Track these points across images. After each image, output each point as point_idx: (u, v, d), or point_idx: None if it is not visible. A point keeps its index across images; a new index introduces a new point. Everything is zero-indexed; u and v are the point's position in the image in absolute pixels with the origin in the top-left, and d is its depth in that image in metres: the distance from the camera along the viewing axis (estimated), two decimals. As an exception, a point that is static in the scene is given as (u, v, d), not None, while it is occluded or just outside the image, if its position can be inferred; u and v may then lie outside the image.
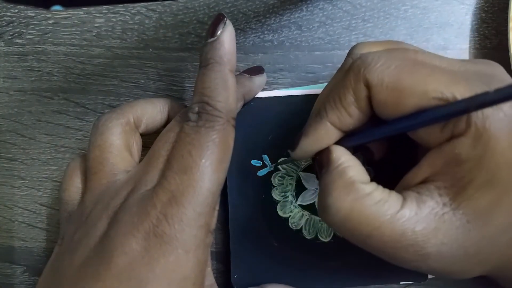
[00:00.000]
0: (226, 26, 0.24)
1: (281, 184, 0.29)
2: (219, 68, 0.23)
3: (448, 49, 0.31)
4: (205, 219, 0.22)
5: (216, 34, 0.23)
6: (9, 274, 0.31)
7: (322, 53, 0.31)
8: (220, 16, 0.24)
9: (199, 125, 0.22)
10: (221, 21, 0.24)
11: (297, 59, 0.30)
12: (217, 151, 0.22)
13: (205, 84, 0.23)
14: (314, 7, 0.31)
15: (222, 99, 0.23)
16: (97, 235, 0.22)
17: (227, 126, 0.23)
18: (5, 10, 0.31)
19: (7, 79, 0.31)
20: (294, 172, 0.29)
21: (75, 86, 0.31)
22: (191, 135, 0.22)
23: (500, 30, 0.30)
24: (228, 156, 0.23)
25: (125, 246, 0.21)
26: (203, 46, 0.24)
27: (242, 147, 0.28)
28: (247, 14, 0.31)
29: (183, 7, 0.31)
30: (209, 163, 0.22)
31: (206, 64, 0.23)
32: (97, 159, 0.24)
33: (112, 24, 0.31)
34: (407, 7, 0.31)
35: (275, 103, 0.29)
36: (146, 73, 0.31)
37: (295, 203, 0.29)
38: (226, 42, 0.23)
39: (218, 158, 0.22)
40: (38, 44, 0.31)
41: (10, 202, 0.31)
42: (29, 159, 0.31)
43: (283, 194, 0.29)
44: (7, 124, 0.31)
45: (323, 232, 0.28)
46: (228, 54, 0.23)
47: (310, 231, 0.28)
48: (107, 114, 0.25)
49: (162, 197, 0.21)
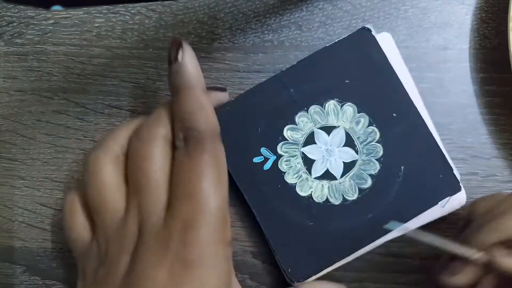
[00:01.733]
0: (184, 50, 0.24)
1: (290, 167, 0.29)
2: (191, 93, 0.24)
3: (448, 49, 0.31)
4: (220, 234, 0.23)
5: (178, 59, 0.24)
6: (9, 274, 0.31)
7: (322, 53, 0.31)
8: (175, 41, 0.24)
9: (189, 150, 0.23)
10: (178, 45, 0.24)
11: (297, 59, 0.30)
12: (213, 170, 0.23)
13: (182, 109, 0.24)
14: (314, 7, 0.31)
15: (203, 121, 0.24)
16: (122, 272, 0.23)
17: (214, 143, 0.24)
18: (5, 10, 0.31)
19: (7, 79, 0.31)
20: (296, 150, 0.29)
21: (75, 86, 0.31)
22: (185, 163, 0.23)
23: (500, 30, 0.30)
24: (224, 170, 0.24)
25: (153, 279, 0.22)
26: (168, 75, 0.24)
27: (238, 151, 0.29)
28: (247, 14, 0.31)
29: (183, 7, 0.31)
30: (209, 184, 0.23)
31: (177, 92, 0.24)
32: (96, 200, 0.25)
33: (112, 24, 0.31)
34: (407, 7, 0.31)
35: (247, 98, 0.29)
36: (146, 73, 0.31)
37: (311, 178, 0.29)
38: (189, 65, 0.24)
39: (216, 176, 0.23)
40: (38, 44, 0.31)
41: (10, 202, 0.31)
42: (29, 159, 0.31)
43: (296, 175, 0.29)
44: (7, 124, 0.31)
45: (349, 191, 0.29)
46: (195, 76, 0.24)
47: (336, 197, 0.29)
48: (94, 153, 0.25)
49: (176, 227, 0.22)
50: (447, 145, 0.30)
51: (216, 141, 0.24)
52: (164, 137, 0.25)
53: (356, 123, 0.29)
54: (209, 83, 0.31)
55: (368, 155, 0.29)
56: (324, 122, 0.29)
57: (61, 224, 0.26)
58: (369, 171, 0.29)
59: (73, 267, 0.31)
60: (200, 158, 0.23)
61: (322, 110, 0.29)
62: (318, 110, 0.29)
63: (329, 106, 0.29)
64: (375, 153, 0.29)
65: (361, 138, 0.29)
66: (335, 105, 0.29)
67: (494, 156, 0.30)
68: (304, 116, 0.29)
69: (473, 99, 0.30)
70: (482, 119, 0.30)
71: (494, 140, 0.30)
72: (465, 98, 0.30)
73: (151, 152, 0.24)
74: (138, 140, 0.25)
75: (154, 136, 0.24)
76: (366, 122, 0.29)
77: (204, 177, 0.23)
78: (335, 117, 0.29)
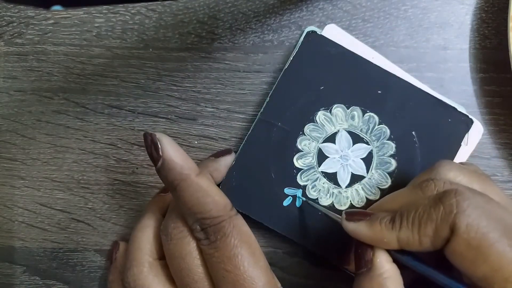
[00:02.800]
0: (161, 141, 0.23)
1: (318, 190, 0.29)
2: (187, 184, 0.23)
3: (448, 49, 0.31)
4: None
5: (160, 156, 0.23)
6: (9, 274, 0.31)
7: (322, 53, 0.31)
8: (148, 136, 0.23)
9: (212, 241, 0.23)
10: (152, 140, 0.23)
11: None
12: (244, 250, 0.23)
13: (187, 204, 0.23)
14: (314, 7, 0.31)
15: (212, 206, 0.23)
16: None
17: (233, 221, 0.24)
18: (5, 10, 0.31)
19: (7, 79, 0.31)
20: (316, 173, 0.29)
21: (75, 86, 0.31)
22: (215, 255, 0.23)
23: (500, 30, 0.30)
24: (253, 240, 0.24)
25: None
26: (157, 172, 0.24)
27: (264, 203, 0.29)
28: (247, 14, 0.31)
29: (183, 7, 0.31)
30: (247, 265, 0.23)
31: (174, 187, 0.24)
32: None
33: (112, 24, 0.31)
34: (407, 7, 0.31)
35: (246, 153, 0.29)
36: (146, 73, 0.31)
37: (343, 189, 0.29)
38: (173, 156, 0.23)
39: (250, 252, 0.23)
40: (38, 44, 0.31)
41: (10, 202, 0.31)
42: (29, 159, 0.31)
43: (328, 195, 0.29)
44: (7, 124, 0.31)
45: (381, 181, 0.29)
46: (184, 165, 0.23)
47: (373, 192, 0.29)
48: (130, 272, 0.25)
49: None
50: (447, 145, 0.30)
51: (233, 218, 0.24)
52: (181, 240, 0.24)
53: (352, 118, 0.29)
54: (209, 83, 0.31)
55: (379, 140, 0.29)
56: (324, 135, 0.29)
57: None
58: (388, 152, 0.29)
59: (73, 267, 0.31)
60: (227, 245, 0.23)
61: (315, 125, 0.29)
62: (312, 127, 0.29)
63: (319, 118, 0.29)
64: (383, 134, 0.29)
65: (364, 129, 0.29)
66: (324, 114, 0.29)
67: (494, 156, 0.30)
68: (304, 140, 0.29)
69: (473, 99, 0.30)
70: (482, 119, 0.30)
71: (494, 140, 0.30)
72: (465, 98, 0.30)
73: (186, 250, 0.24)
74: (170, 241, 0.25)
75: (184, 234, 0.24)
76: (360, 113, 0.29)
77: (240, 261, 0.23)
78: (331, 124, 0.29)
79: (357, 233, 0.22)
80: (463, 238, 0.20)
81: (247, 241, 0.24)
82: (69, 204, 0.31)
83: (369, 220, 0.22)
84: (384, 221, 0.22)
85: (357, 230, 0.22)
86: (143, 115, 0.31)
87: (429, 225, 0.21)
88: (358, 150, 0.29)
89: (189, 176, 0.23)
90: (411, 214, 0.21)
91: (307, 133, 0.29)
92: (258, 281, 0.23)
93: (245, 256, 0.23)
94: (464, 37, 0.31)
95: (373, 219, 0.22)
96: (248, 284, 0.23)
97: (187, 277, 0.24)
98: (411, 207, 0.22)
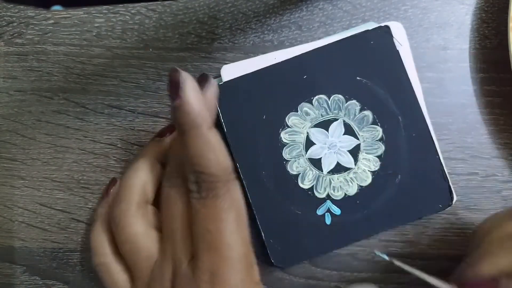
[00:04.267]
0: (185, 82, 0.22)
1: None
2: (197, 133, 0.22)
3: (448, 49, 0.31)
4: (248, 279, 0.23)
5: (179, 96, 0.22)
6: (9, 274, 0.31)
7: (322, 53, 0.31)
8: (175, 71, 0.22)
9: (203, 197, 0.23)
10: (177, 78, 0.22)
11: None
12: (230, 216, 0.23)
13: (190, 153, 0.22)
14: (314, 7, 0.31)
15: (213, 164, 0.22)
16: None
17: (228, 185, 0.23)
18: (5, 10, 0.31)
19: (7, 79, 0.31)
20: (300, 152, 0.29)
21: (75, 86, 0.31)
22: (201, 211, 0.23)
23: (500, 30, 0.30)
24: (242, 211, 0.23)
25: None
26: (171, 109, 0.22)
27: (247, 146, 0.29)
28: (247, 14, 0.31)
29: (183, 7, 0.31)
30: (229, 231, 0.22)
31: (183, 131, 0.22)
32: (130, 252, 0.25)
33: (112, 24, 0.31)
34: (407, 7, 0.31)
35: (262, 75, 0.29)
36: (146, 73, 0.31)
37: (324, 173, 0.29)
38: (192, 101, 0.22)
39: (235, 221, 0.23)
40: (38, 44, 0.31)
41: (10, 202, 0.31)
42: (29, 159, 0.31)
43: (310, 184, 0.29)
44: (7, 124, 0.31)
45: (337, 190, 0.29)
46: (200, 113, 0.22)
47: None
48: (118, 207, 0.26)
49: (203, 278, 0.22)
50: (447, 145, 0.30)
51: (229, 182, 0.23)
52: (178, 188, 0.24)
53: (361, 120, 0.29)
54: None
55: (368, 152, 0.29)
56: (322, 118, 0.29)
57: (101, 281, 0.27)
58: (369, 169, 0.29)
59: (73, 267, 0.31)
60: (215, 205, 0.22)
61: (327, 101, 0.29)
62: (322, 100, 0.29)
63: (333, 99, 0.29)
64: (376, 150, 0.29)
65: (360, 127, 0.29)
66: (339, 99, 0.29)
67: (494, 156, 0.30)
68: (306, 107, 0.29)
69: (473, 99, 0.30)
70: (482, 119, 0.30)
71: (494, 140, 0.30)
72: (465, 98, 0.30)
73: (183, 199, 0.24)
74: (170, 187, 0.25)
75: (172, 196, 0.24)
76: (370, 119, 0.29)
77: (223, 225, 0.22)
78: (338, 110, 0.29)
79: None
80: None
81: (236, 209, 0.23)
82: (69, 204, 0.31)
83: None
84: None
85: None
86: (143, 115, 0.31)
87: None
88: (348, 141, 0.29)
89: (201, 127, 0.22)
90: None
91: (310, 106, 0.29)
92: (234, 251, 0.22)
93: (229, 222, 0.22)
94: (464, 37, 0.31)
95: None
96: (224, 250, 0.22)
97: (168, 228, 0.24)
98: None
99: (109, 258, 0.27)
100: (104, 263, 0.27)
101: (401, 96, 0.29)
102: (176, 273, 0.24)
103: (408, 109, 0.29)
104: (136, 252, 0.25)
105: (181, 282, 0.23)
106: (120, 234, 0.26)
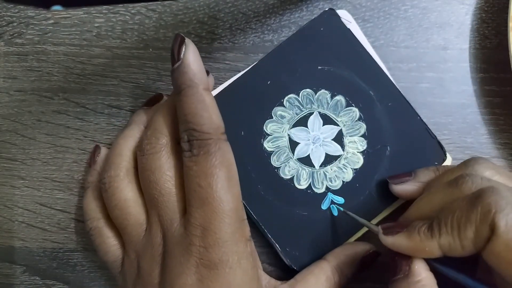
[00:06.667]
0: (187, 46, 0.24)
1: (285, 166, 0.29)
2: (193, 91, 0.24)
3: (448, 49, 0.31)
4: (238, 233, 0.24)
5: (180, 58, 0.24)
6: (9, 274, 0.31)
7: (322, 53, 0.31)
8: (178, 37, 0.24)
9: (195, 154, 0.23)
10: (180, 42, 0.24)
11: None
12: (222, 172, 0.23)
13: (185, 111, 0.24)
14: (314, 7, 0.31)
15: (206, 121, 0.24)
16: (155, 283, 0.24)
17: (220, 143, 0.24)
18: (5, 10, 0.31)
19: (7, 79, 0.31)
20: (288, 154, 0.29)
21: (75, 86, 0.31)
22: (193, 168, 0.23)
23: (500, 30, 0.30)
24: (233, 169, 0.24)
25: (182, 285, 0.23)
26: (171, 72, 0.24)
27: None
28: (247, 14, 0.31)
29: (183, 7, 0.31)
30: (220, 187, 0.23)
31: (179, 90, 0.24)
32: (120, 218, 0.26)
33: (112, 24, 0.31)
34: (407, 7, 0.31)
35: (237, 87, 0.29)
36: (146, 73, 0.31)
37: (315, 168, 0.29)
38: (191, 63, 0.24)
39: (226, 177, 0.23)
40: (38, 44, 0.31)
41: (10, 202, 0.31)
42: (29, 159, 0.31)
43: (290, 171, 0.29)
44: (7, 124, 0.31)
45: (317, 182, 0.29)
46: (197, 74, 0.24)
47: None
48: (107, 173, 0.26)
49: (195, 233, 0.23)
50: (447, 145, 0.30)
51: (221, 141, 0.24)
52: (167, 146, 0.25)
53: (335, 106, 0.29)
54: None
55: (352, 134, 0.29)
56: (298, 116, 0.29)
57: (94, 247, 0.28)
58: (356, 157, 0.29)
59: (73, 267, 0.31)
60: (207, 162, 0.23)
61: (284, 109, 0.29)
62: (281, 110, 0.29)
63: (302, 94, 0.29)
64: (358, 130, 0.29)
65: (336, 113, 0.29)
66: (308, 93, 0.29)
67: (494, 156, 0.30)
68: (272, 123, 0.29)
69: (473, 99, 0.30)
70: (482, 119, 0.30)
71: (494, 140, 0.30)
72: (465, 98, 0.30)
73: (156, 164, 0.25)
74: (143, 156, 0.25)
75: (157, 150, 0.25)
76: (344, 103, 0.29)
77: (214, 181, 0.23)
78: (311, 104, 0.29)
79: (397, 246, 0.22)
80: (502, 238, 0.19)
81: (227, 166, 0.24)
82: (69, 204, 0.31)
83: (406, 231, 0.22)
84: (422, 230, 0.21)
85: (396, 243, 0.22)
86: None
87: (469, 228, 0.20)
88: (329, 131, 0.29)
89: (197, 86, 0.24)
90: (448, 218, 0.20)
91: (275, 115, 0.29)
92: (226, 204, 0.23)
93: (220, 178, 0.23)
94: (464, 37, 0.31)
95: (411, 230, 0.22)
96: (216, 204, 0.23)
97: (154, 189, 0.25)
98: (448, 210, 0.21)
99: (101, 223, 0.27)
100: (97, 227, 0.27)
101: (366, 71, 0.29)
102: (165, 235, 0.24)
103: (377, 82, 0.29)
104: (126, 217, 0.26)
105: (172, 241, 0.24)
106: (110, 199, 0.26)
